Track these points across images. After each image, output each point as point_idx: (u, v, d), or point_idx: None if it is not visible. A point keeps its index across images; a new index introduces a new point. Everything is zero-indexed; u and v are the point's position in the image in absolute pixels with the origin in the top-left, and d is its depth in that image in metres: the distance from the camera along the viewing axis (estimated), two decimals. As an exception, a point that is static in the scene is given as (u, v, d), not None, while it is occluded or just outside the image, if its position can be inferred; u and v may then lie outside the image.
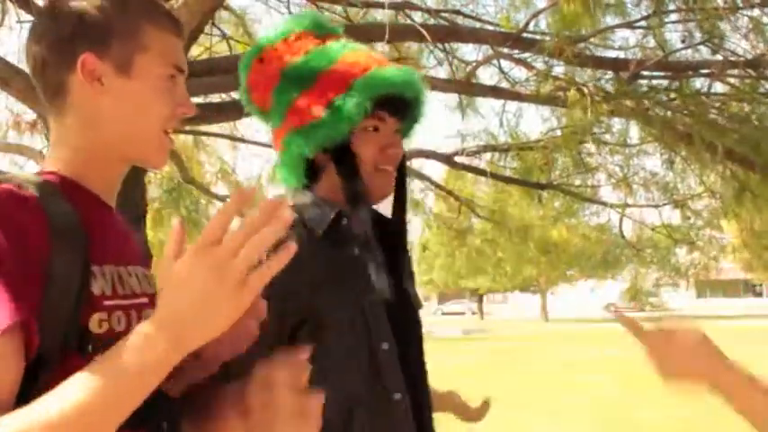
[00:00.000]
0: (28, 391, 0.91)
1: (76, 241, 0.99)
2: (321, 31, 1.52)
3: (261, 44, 1.52)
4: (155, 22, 1.11)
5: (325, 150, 1.44)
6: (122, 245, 1.13)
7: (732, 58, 4.30)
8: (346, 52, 1.46)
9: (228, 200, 0.83)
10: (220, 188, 7.57)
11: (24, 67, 4.59)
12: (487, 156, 6.15)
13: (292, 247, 0.82)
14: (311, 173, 1.50)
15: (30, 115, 5.83)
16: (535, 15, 4.40)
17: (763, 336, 20.71)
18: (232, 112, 5.06)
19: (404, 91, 1.44)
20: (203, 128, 6.38)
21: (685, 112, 4.13)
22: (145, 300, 1.12)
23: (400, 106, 1.46)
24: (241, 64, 1.54)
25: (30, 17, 4.65)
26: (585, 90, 4.08)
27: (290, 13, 4.85)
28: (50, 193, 1.01)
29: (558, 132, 5.44)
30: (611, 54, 4.78)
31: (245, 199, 0.83)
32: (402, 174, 1.54)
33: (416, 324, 1.51)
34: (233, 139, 7.21)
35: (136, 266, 1.13)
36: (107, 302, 1.02)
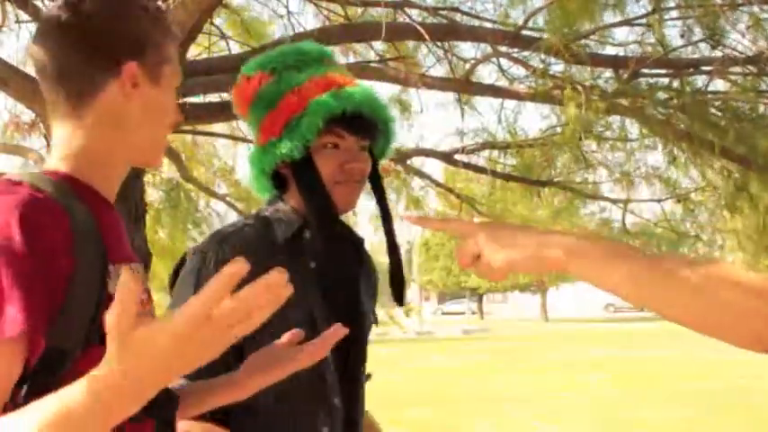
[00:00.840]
0: (48, 384, 0.95)
1: (96, 242, 1.05)
2: (303, 60, 1.61)
3: (251, 64, 1.64)
4: (171, 35, 1.23)
5: (288, 165, 1.55)
6: (125, 243, 1.20)
7: (733, 55, 4.30)
8: (313, 74, 1.56)
9: (224, 271, 0.78)
10: (220, 187, 7.55)
11: (23, 67, 4.57)
12: (486, 153, 6.14)
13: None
14: (281, 184, 1.61)
15: (28, 115, 5.82)
16: (534, 13, 4.39)
17: (764, 335, 20.66)
18: (231, 111, 5.04)
19: (359, 109, 1.51)
20: (203, 127, 6.37)
21: (684, 110, 4.12)
22: (145, 296, 1.20)
23: (361, 124, 1.53)
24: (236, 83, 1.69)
25: (28, 18, 4.64)
26: (580, 87, 4.07)
27: (288, 11, 4.85)
28: (66, 193, 1.06)
29: (558, 130, 5.43)
30: (611, 51, 4.78)
31: (239, 271, 0.78)
32: (378, 188, 1.64)
33: (361, 342, 1.59)
34: (232, 138, 7.21)
35: (138, 264, 1.20)
36: None
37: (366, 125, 1.55)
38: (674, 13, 4.51)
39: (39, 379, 0.98)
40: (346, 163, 1.52)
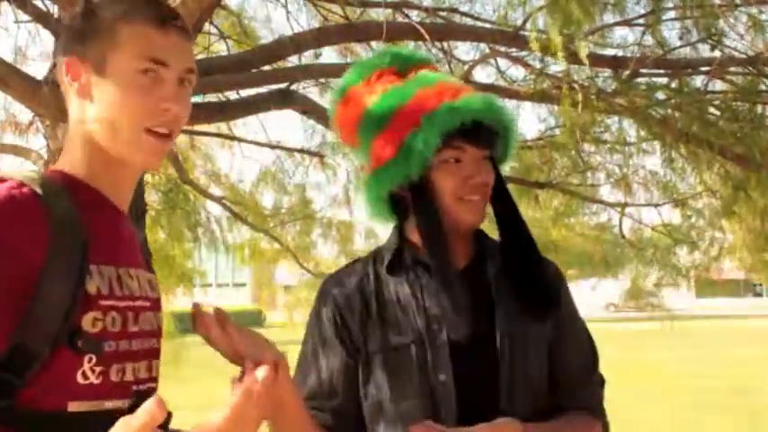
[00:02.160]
0: (17, 383, 0.97)
1: (75, 240, 1.01)
2: (402, 66, 1.52)
3: (343, 87, 1.54)
4: (129, 18, 1.11)
5: (407, 188, 1.44)
6: (126, 247, 1.15)
7: (732, 56, 4.29)
8: (420, 88, 1.44)
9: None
10: (216, 190, 7.54)
11: (22, 66, 4.54)
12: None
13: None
14: (401, 210, 1.50)
15: (26, 115, 5.82)
16: (532, 13, 4.38)
17: (764, 336, 20.68)
18: (230, 111, 5.05)
19: (478, 118, 1.39)
20: (202, 127, 6.37)
21: (682, 110, 4.12)
22: (145, 303, 1.14)
23: (482, 134, 1.41)
24: (329, 107, 1.58)
25: (27, 17, 4.65)
26: (576, 87, 4.07)
27: (287, 11, 4.85)
28: (54, 190, 1.04)
29: (557, 132, 5.42)
30: (610, 52, 4.77)
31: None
32: (504, 199, 1.50)
33: (490, 364, 1.39)
34: (231, 138, 7.19)
35: (139, 270, 1.15)
36: (102, 302, 1.04)
37: (486, 134, 1.42)
38: (673, 14, 4.50)
39: (2, 379, 0.96)
40: (470, 178, 1.40)
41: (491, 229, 1.56)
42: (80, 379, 1.01)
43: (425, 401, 1.34)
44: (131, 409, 1.04)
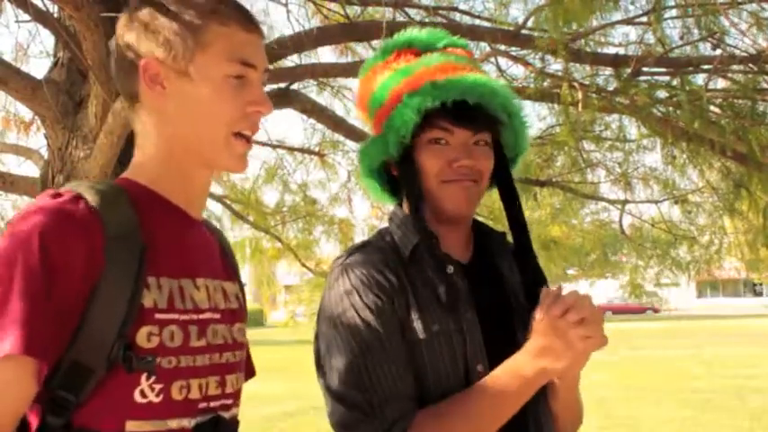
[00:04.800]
0: (73, 402, 0.94)
1: (133, 252, 0.98)
2: (424, 47, 1.48)
3: (365, 66, 1.52)
4: (218, 17, 1.07)
5: (395, 165, 1.42)
6: (195, 256, 1.10)
7: (733, 54, 4.29)
8: (423, 67, 1.40)
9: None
10: (218, 188, 7.54)
11: (22, 66, 4.53)
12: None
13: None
14: (396, 184, 1.48)
15: (27, 115, 5.81)
16: (533, 12, 4.38)
17: (764, 336, 20.70)
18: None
19: (463, 98, 1.34)
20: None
21: (684, 108, 4.12)
22: (215, 315, 1.08)
23: (473, 116, 1.36)
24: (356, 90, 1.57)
25: (28, 17, 4.64)
26: (576, 85, 4.06)
27: (287, 9, 4.84)
28: (114, 200, 1.00)
29: (557, 130, 5.43)
30: (611, 51, 4.77)
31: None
32: (506, 190, 1.47)
33: (513, 347, 1.37)
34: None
35: (210, 279, 1.10)
36: (159, 315, 1.00)
37: (477, 116, 1.36)
38: (675, 12, 4.50)
39: (58, 396, 0.94)
40: (455, 161, 1.36)
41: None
42: (138, 397, 0.97)
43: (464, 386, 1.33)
44: (195, 430, 1.01)
